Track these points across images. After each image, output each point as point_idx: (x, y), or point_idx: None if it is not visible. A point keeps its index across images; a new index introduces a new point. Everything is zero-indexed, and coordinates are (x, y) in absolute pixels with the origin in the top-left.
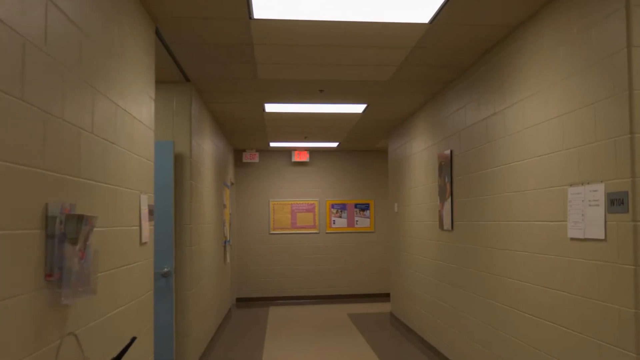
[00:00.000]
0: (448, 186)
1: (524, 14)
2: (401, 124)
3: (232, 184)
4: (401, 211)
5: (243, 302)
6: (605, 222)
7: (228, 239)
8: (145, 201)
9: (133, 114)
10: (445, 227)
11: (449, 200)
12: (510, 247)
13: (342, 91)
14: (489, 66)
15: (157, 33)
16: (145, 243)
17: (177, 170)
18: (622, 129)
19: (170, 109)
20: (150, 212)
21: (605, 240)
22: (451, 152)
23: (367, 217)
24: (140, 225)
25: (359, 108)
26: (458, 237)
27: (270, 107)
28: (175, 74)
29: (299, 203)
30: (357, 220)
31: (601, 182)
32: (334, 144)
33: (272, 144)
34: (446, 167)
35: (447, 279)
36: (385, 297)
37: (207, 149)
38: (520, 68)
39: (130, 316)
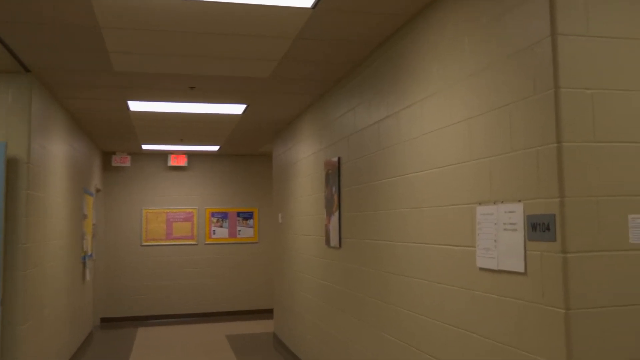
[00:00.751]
0: (336, 197)
1: (422, 1)
2: (286, 127)
3: (97, 190)
4: (286, 222)
5: (109, 322)
6: (525, 251)
7: (89, 253)
8: None
9: None
10: (332, 244)
11: (337, 213)
12: (406, 272)
13: (217, 89)
14: (382, 62)
15: None
16: None
17: (9, 179)
18: (545, 137)
19: (4, 105)
20: None
21: (525, 274)
22: (339, 159)
23: (251, 227)
24: None
25: (238, 108)
26: (347, 255)
27: (135, 106)
28: (8, 63)
29: (176, 212)
30: (239, 230)
31: (519, 201)
32: (215, 148)
33: (144, 147)
34: (334, 176)
35: (335, 303)
36: (270, 313)
37: (57, 151)
38: (419, 64)
39: None
